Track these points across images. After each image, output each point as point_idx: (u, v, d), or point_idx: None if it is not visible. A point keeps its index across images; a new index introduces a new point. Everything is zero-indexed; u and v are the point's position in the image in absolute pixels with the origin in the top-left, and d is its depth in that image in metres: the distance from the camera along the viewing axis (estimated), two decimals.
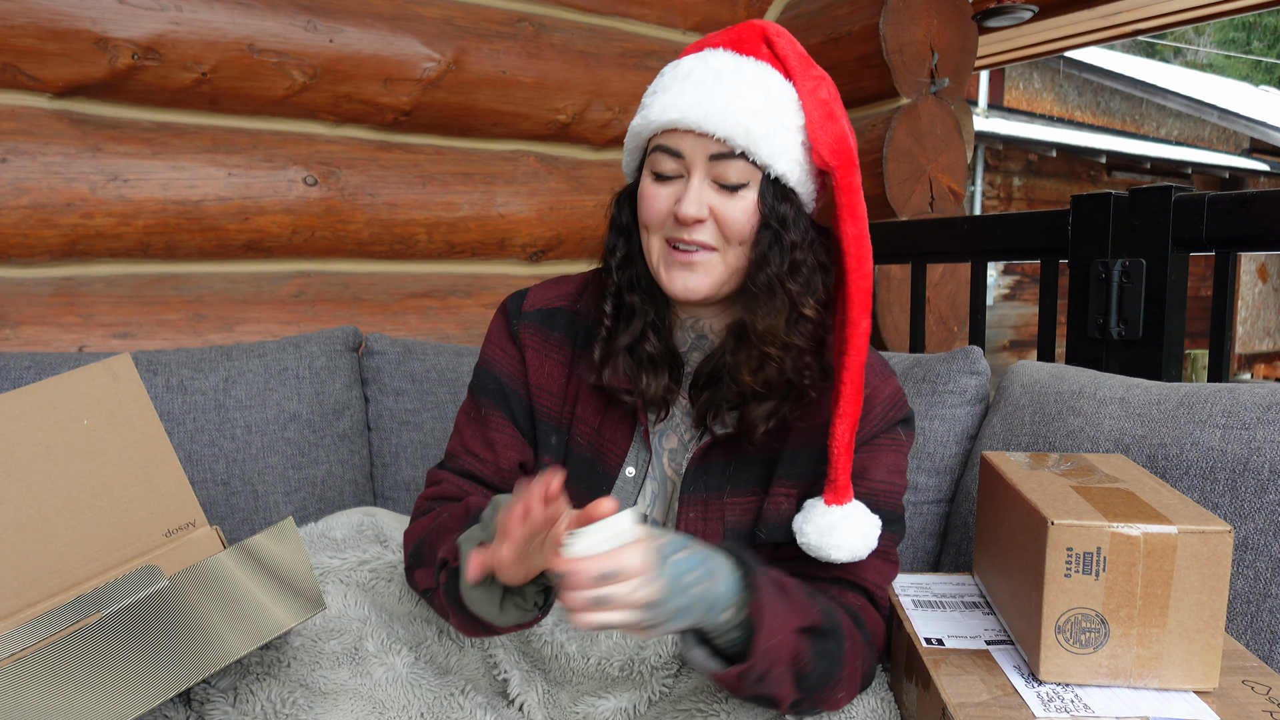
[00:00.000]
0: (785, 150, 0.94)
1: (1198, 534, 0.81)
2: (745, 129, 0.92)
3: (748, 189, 0.96)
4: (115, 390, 1.00)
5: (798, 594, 0.89)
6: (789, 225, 0.97)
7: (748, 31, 0.99)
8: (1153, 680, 0.84)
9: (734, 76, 0.94)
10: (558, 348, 1.09)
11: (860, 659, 0.94)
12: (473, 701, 1.03)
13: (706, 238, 0.97)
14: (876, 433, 1.04)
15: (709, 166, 0.95)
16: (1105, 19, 3.95)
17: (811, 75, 0.97)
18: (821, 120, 0.95)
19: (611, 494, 1.06)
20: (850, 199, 0.95)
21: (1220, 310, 1.48)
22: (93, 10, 1.69)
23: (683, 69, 0.98)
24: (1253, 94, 15.51)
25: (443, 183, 2.14)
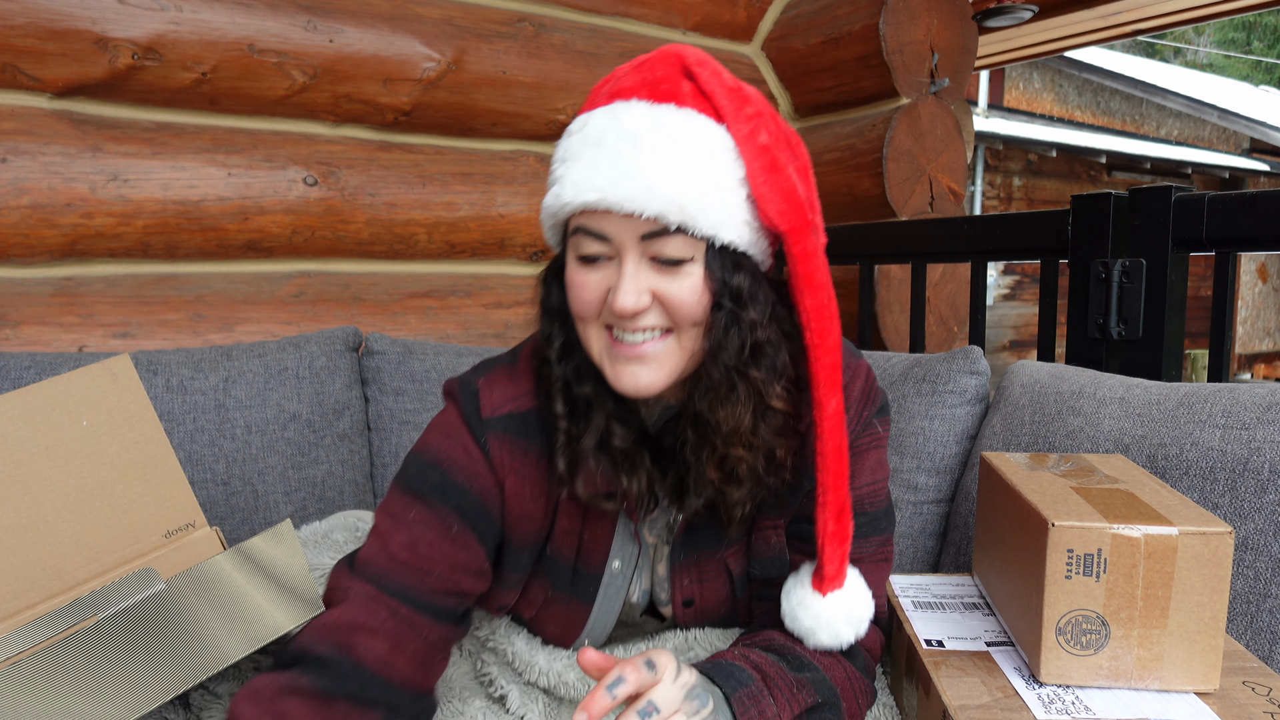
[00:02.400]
0: (729, 214, 0.81)
1: (1198, 535, 0.81)
2: (678, 204, 0.78)
3: (692, 264, 0.82)
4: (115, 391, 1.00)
5: (785, 683, 0.86)
6: (746, 300, 0.83)
7: (663, 67, 0.83)
8: (1153, 681, 0.84)
9: (654, 136, 0.79)
10: (535, 463, 0.94)
11: (858, 696, 0.93)
12: (473, 707, 1.02)
13: (654, 322, 0.83)
14: (854, 435, 0.96)
15: (643, 246, 0.81)
16: (1105, 19, 3.95)
17: (746, 115, 0.82)
18: (765, 172, 0.81)
19: (599, 593, 0.98)
20: (808, 267, 0.83)
21: (1220, 310, 1.48)
22: (93, 10, 1.69)
23: (592, 131, 0.82)
24: (1253, 94, 15.50)
25: (443, 183, 2.14)
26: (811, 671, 0.89)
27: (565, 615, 1.00)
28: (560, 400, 0.90)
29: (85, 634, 0.87)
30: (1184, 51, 20.85)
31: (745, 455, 0.86)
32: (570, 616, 1.00)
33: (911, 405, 1.49)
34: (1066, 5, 3.60)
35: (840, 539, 0.88)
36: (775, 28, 2.58)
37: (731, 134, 0.81)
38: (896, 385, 1.53)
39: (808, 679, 0.88)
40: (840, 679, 0.91)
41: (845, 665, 0.93)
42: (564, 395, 0.90)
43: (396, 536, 0.91)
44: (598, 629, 1.02)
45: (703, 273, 0.82)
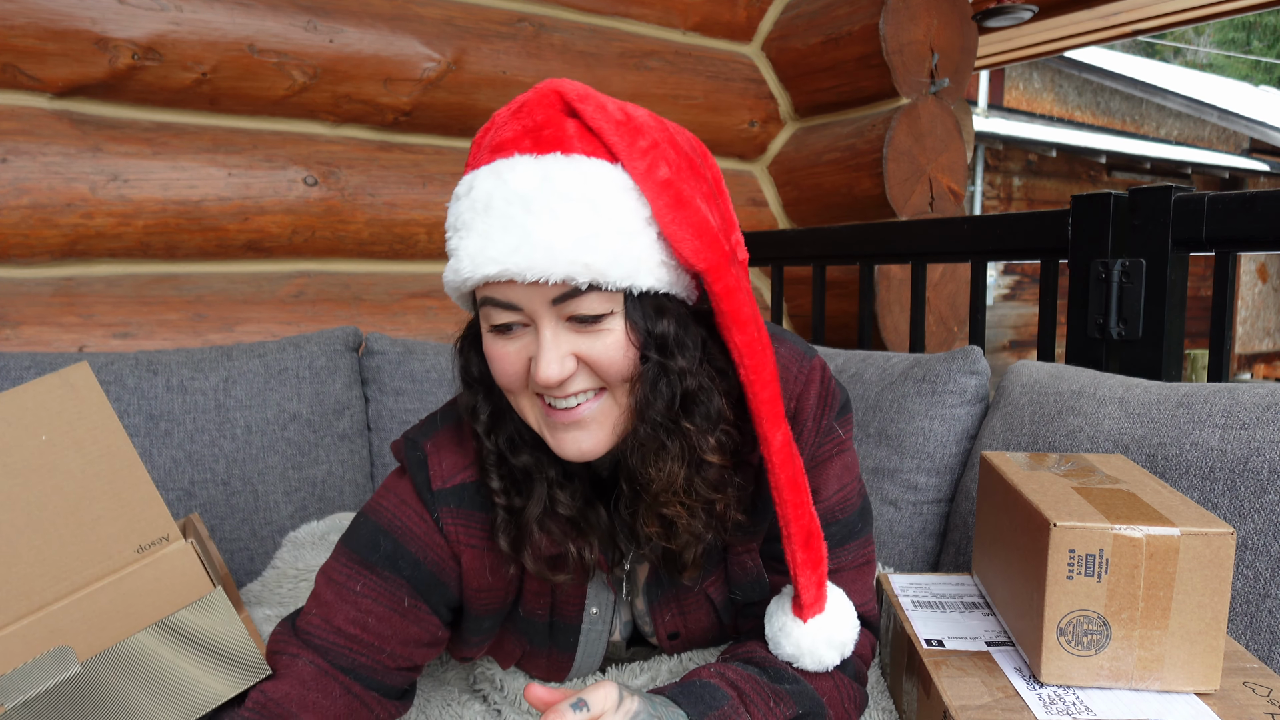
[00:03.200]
0: (640, 261, 0.75)
1: (1200, 536, 0.81)
2: (584, 264, 0.73)
3: (612, 318, 0.77)
4: (74, 402, 0.95)
5: (762, 697, 0.84)
6: (673, 347, 0.78)
7: (542, 110, 0.77)
8: (1154, 682, 0.84)
9: (544, 194, 0.73)
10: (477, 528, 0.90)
11: (846, 703, 0.92)
12: (471, 710, 1.03)
13: (584, 385, 0.79)
14: (816, 445, 0.92)
15: (556, 310, 0.76)
16: (1105, 19, 3.95)
17: (640, 148, 0.76)
18: (670, 208, 0.75)
19: (580, 640, 0.96)
20: (732, 304, 0.78)
21: (1220, 310, 1.48)
22: (93, 10, 1.69)
23: (479, 196, 0.76)
24: (1253, 94, 15.51)
25: (443, 183, 2.14)
26: (792, 683, 0.87)
27: (548, 664, 0.99)
28: (495, 475, 0.86)
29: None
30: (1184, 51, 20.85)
31: (680, 511, 0.82)
32: (553, 664, 0.99)
33: (911, 405, 1.49)
34: (1066, 5, 3.60)
35: (812, 565, 0.85)
36: (775, 28, 2.58)
37: (629, 172, 0.75)
38: (896, 385, 1.53)
39: (787, 690, 0.85)
40: (826, 688, 0.89)
41: (834, 673, 0.91)
42: (498, 469, 0.86)
43: (343, 610, 0.88)
44: (584, 669, 1.01)
45: (624, 325, 0.77)
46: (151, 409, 1.55)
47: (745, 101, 2.55)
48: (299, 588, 1.27)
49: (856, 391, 1.58)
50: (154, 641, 0.92)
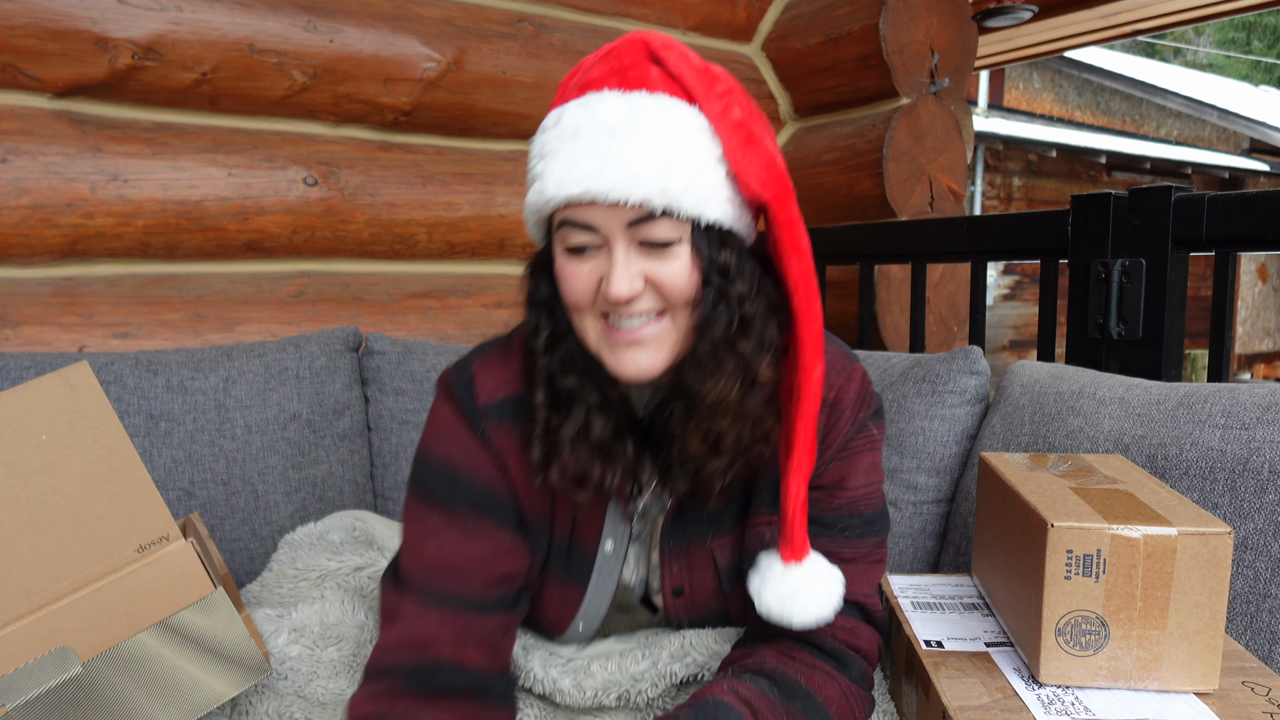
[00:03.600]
0: (711, 193, 0.82)
1: (1198, 536, 0.81)
2: (661, 189, 0.79)
3: (680, 245, 0.83)
4: (74, 401, 0.95)
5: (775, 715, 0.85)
6: (734, 275, 0.85)
7: (630, 54, 0.84)
8: (1153, 682, 0.84)
9: (630, 126, 0.80)
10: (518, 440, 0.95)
11: (855, 711, 0.92)
12: None
13: (649, 306, 0.84)
14: (850, 437, 0.96)
15: (630, 233, 0.82)
16: (1105, 19, 3.95)
17: (717, 93, 0.83)
18: (741, 146, 0.83)
19: (594, 573, 0.99)
20: (792, 233, 0.84)
21: (1220, 310, 1.48)
22: (93, 10, 1.69)
23: (568, 125, 0.82)
24: (1253, 94, 15.50)
25: (443, 183, 2.14)
26: (803, 699, 0.88)
27: (560, 596, 1.01)
28: (543, 390, 0.91)
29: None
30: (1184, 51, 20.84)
31: (730, 426, 0.87)
32: (565, 597, 1.01)
33: (911, 405, 1.49)
34: (1066, 5, 3.60)
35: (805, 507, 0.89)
36: (775, 28, 2.58)
37: (705, 114, 0.82)
38: (896, 385, 1.53)
39: (798, 708, 0.87)
40: (834, 697, 0.90)
41: (840, 681, 0.91)
42: (547, 386, 0.91)
43: (425, 547, 0.93)
44: (592, 611, 1.02)
45: (690, 252, 0.84)
46: (151, 409, 1.55)
47: None
48: (299, 587, 1.27)
49: None
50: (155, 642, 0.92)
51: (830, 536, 0.95)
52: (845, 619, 0.94)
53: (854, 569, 0.95)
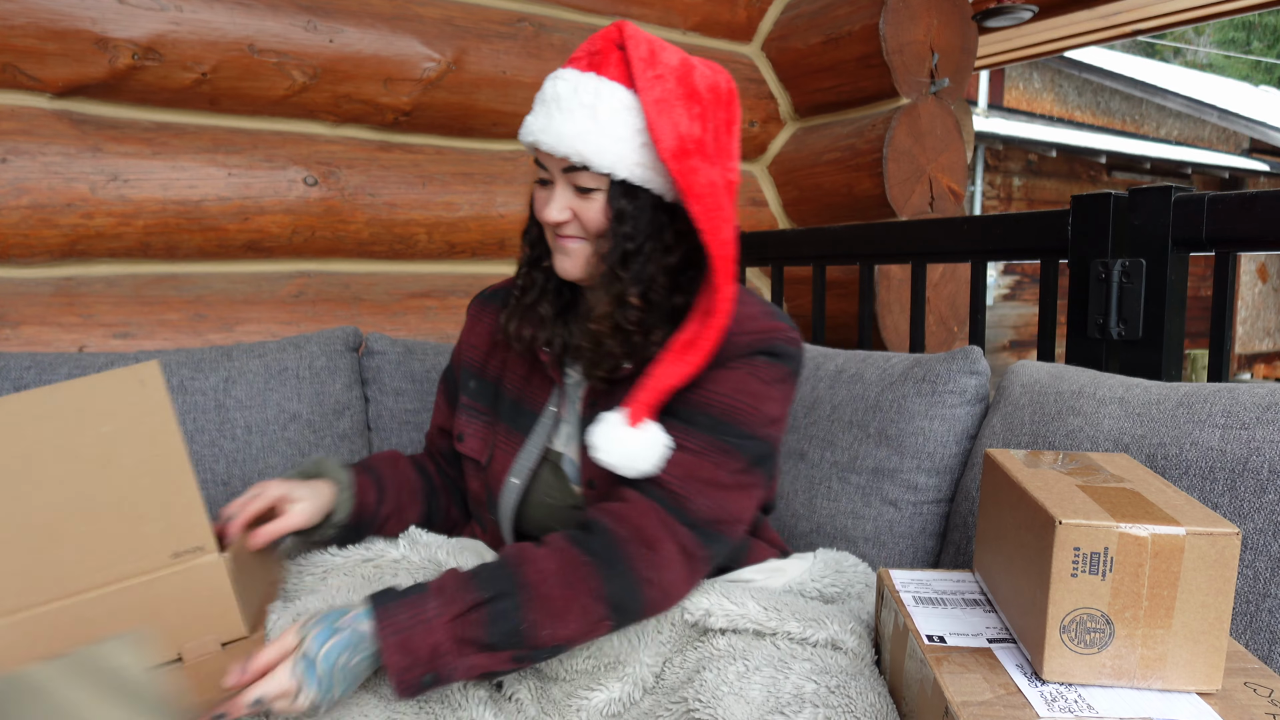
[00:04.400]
0: (620, 159, 1.06)
1: (1205, 536, 0.81)
2: (578, 150, 1.06)
3: (598, 192, 1.10)
4: (141, 399, 0.97)
5: (455, 585, 0.99)
6: (628, 220, 1.10)
7: (603, 42, 1.09)
8: (1156, 681, 0.84)
9: (570, 99, 1.06)
10: (491, 314, 1.34)
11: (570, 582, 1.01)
12: (474, 695, 1.04)
13: (574, 231, 1.13)
14: (729, 358, 1.13)
15: (566, 177, 1.10)
16: (1105, 19, 3.96)
17: (651, 76, 1.06)
18: (657, 117, 1.05)
19: (535, 428, 1.24)
20: (687, 181, 1.06)
21: (1220, 310, 1.48)
22: (93, 10, 1.69)
23: (545, 90, 1.10)
24: (1253, 94, 15.52)
25: (443, 183, 2.14)
26: (489, 570, 1.02)
27: (506, 444, 1.25)
28: (520, 272, 1.25)
29: None
30: (1184, 51, 20.86)
31: (605, 332, 1.13)
32: (509, 444, 1.25)
33: (911, 405, 1.49)
34: (1066, 5, 3.61)
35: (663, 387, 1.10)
36: (775, 28, 2.58)
37: (639, 95, 1.06)
38: (896, 385, 1.53)
39: (478, 579, 1.00)
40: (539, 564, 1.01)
41: (565, 552, 1.03)
42: (524, 269, 1.24)
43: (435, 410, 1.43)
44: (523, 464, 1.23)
45: (605, 199, 1.10)
46: None
47: (745, 101, 2.55)
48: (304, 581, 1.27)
49: (856, 391, 1.58)
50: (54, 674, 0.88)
51: (673, 423, 1.12)
52: (629, 491, 1.09)
53: (680, 455, 1.10)
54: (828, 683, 0.99)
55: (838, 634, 1.09)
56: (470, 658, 0.97)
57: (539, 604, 0.99)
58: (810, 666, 1.02)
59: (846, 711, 0.95)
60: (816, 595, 1.25)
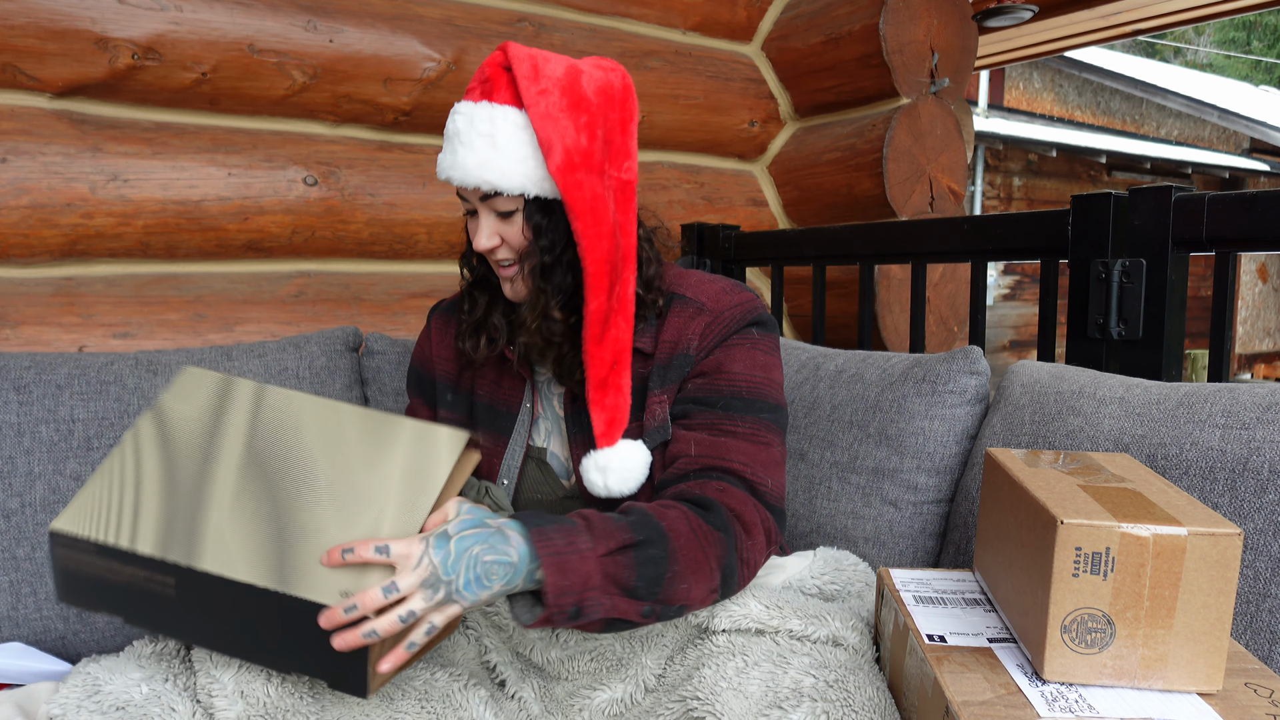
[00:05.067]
0: (527, 178, 1.09)
1: (1208, 536, 0.81)
2: (487, 180, 1.09)
3: (517, 214, 1.13)
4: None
5: (602, 524, 0.99)
6: (544, 234, 1.13)
7: (491, 67, 1.11)
8: (1157, 681, 0.84)
9: (469, 131, 1.09)
10: (455, 326, 1.33)
11: (701, 543, 1.02)
12: (477, 695, 1.04)
13: (505, 257, 1.17)
14: (726, 334, 1.18)
15: (486, 204, 1.13)
16: (1105, 19, 3.96)
17: (536, 91, 1.08)
18: (543, 132, 1.08)
19: (514, 428, 1.27)
20: (571, 196, 1.09)
21: (1220, 310, 1.48)
22: (93, 10, 1.69)
23: (448, 125, 1.14)
24: (1253, 94, 15.52)
25: (443, 183, 2.14)
26: (638, 515, 1.03)
27: (488, 450, 1.28)
28: (465, 297, 1.28)
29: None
30: (1184, 51, 20.87)
31: (537, 344, 1.18)
32: (493, 449, 1.27)
33: (911, 405, 1.49)
34: (1066, 5, 3.61)
35: (602, 407, 1.16)
36: (775, 28, 2.58)
37: (528, 114, 1.08)
38: (896, 385, 1.53)
39: (629, 521, 1.01)
40: (675, 523, 1.02)
41: (690, 517, 1.04)
42: (467, 293, 1.28)
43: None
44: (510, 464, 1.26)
45: (523, 219, 1.13)
46: None
47: (745, 101, 2.55)
48: None
49: (856, 391, 1.58)
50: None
51: (713, 412, 1.15)
52: (719, 482, 1.11)
53: (735, 443, 1.14)
54: (826, 677, 0.99)
55: (839, 630, 1.10)
56: (614, 598, 0.96)
57: (682, 558, 1.01)
58: (809, 661, 1.02)
59: (845, 706, 0.95)
60: (816, 592, 1.25)
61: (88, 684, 1.01)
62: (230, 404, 1.06)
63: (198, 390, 1.08)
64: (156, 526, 0.97)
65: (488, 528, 0.94)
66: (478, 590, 0.92)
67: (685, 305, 1.21)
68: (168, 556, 0.94)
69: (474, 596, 0.92)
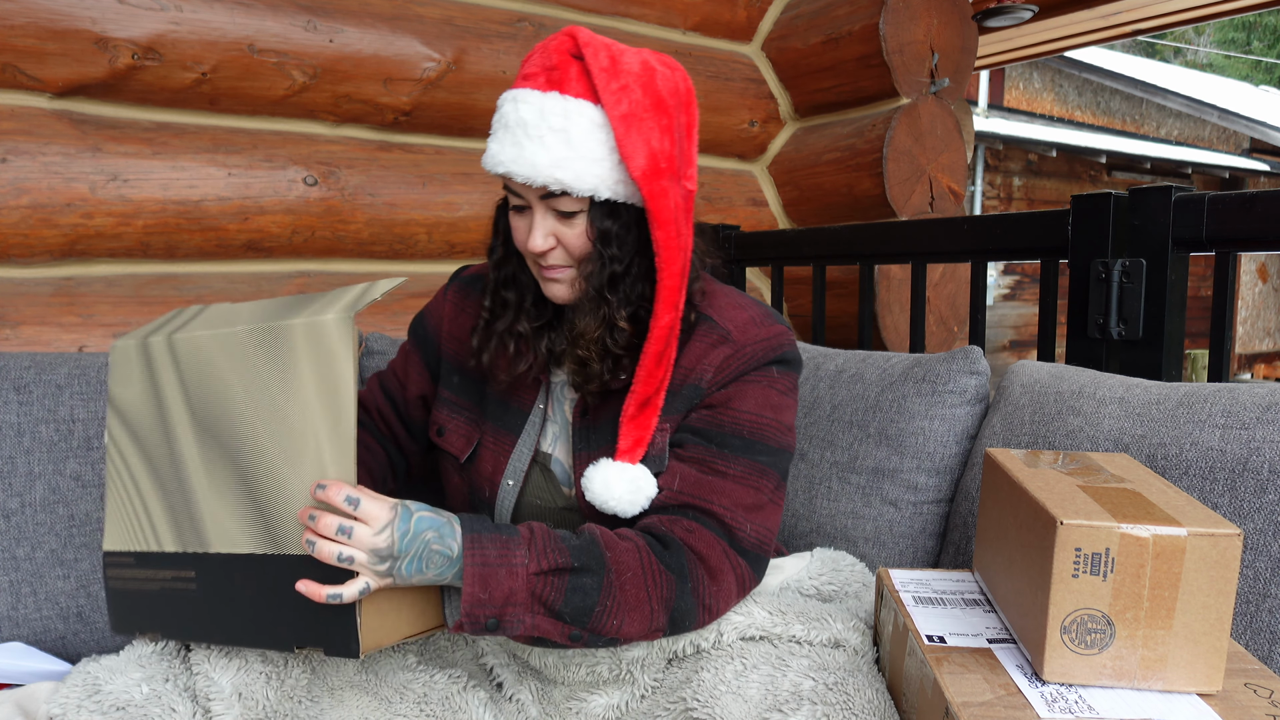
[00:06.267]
0: (600, 180, 1.02)
1: (1207, 537, 0.81)
2: (556, 179, 1.00)
3: (580, 215, 1.05)
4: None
5: (544, 541, 0.97)
6: (613, 242, 1.06)
7: (558, 54, 1.03)
8: (1157, 682, 0.84)
9: (539, 124, 1.01)
10: (474, 305, 1.25)
11: (647, 583, 1.00)
12: (476, 698, 1.04)
13: (558, 260, 1.08)
14: (745, 370, 1.12)
15: (544, 203, 1.05)
16: (1105, 19, 3.95)
17: (617, 88, 1.01)
18: (625, 134, 1.01)
19: (524, 428, 1.21)
20: (656, 205, 1.03)
21: (1220, 310, 1.48)
22: (93, 10, 1.69)
23: (505, 113, 1.04)
24: (1253, 94, 15.51)
25: (443, 183, 2.14)
26: (583, 541, 1.00)
27: (495, 444, 1.21)
28: (490, 297, 1.17)
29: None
30: (1184, 51, 20.86)
31: (592, 356, 1.09)
32: (500, 445, 1.21)
33: (911, 405, 1.49)
34: (1066, 5, 3.60)
35: (637, 424, 1.09)
36: (775, 28, 2.58)
37: (605, 109, 1.00)
38: (896, 385, 1.53)
39: (570, 545, 0.99)
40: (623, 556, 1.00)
41: (645, 553, 1.02)
42: (492, 294, 1.17)
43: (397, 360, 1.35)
44: (517, 466, 1.20)
45: (587, 222, 1.05)
46: None
47: (745, 101, 2.55)
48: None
49: (856, 391, 1.58)
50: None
51: (708, 448, 1.10)
52: (691, 522, 1.06)
53: (722, 483, 1.08)
54: (825, 680, 0.99)
55: (841, 632, 1.10)
56: (537, 617, 0.96)
57: (617, 592, 0.99)
58: (808, 664, 1.02)
59: (844, 708, 0.95)
60: (814, 593, 1.25)
61: (88, 684, 1.01)
62: (156, 371, 1.07)
63: (129, 367, 1.10)
64: (168, 523, 1.02)
65: (441, 517, 0.95)
66: (414, 573, 0.93)
67: (710, 330, 1.13)
68: (187, 548, 0.99)
69: (408, 577, 0.93)
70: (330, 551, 0.90)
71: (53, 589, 1.43)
